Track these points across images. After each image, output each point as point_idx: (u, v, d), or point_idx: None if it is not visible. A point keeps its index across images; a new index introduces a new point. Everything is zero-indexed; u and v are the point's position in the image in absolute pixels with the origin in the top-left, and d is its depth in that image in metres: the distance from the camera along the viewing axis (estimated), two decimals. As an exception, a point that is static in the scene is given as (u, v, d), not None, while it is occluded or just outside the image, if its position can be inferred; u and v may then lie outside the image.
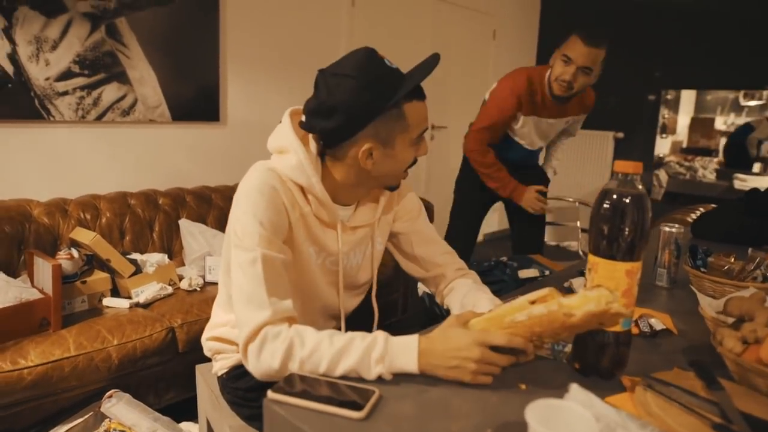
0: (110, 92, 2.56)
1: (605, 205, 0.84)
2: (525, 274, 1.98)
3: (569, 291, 1.34)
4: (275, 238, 0.96)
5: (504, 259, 2.10)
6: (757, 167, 4.34)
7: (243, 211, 0.96)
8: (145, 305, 2.07)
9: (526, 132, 2.33)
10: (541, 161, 2.74)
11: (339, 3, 3.48)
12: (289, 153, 1.01)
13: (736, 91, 4.37)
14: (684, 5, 4.38)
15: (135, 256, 2.24)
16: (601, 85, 4.77)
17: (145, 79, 2.66)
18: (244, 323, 0.89)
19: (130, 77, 2.61)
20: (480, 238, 5.09)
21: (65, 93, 2.43)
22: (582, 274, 1.41)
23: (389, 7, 3.83)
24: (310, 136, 1.03)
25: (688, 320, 1.16)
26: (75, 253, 1.99)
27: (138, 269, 2.13)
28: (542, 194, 2.39)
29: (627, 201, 0.83)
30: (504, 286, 1.90)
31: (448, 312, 1.18)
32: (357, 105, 0.94)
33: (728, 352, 0.85)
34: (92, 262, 2.10)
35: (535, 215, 2.49)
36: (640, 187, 0.85)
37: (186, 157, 2.88)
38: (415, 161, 1.05)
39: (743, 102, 4.44)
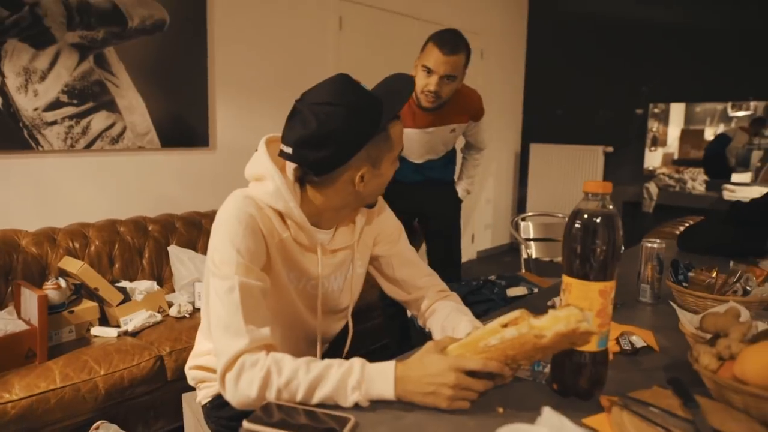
0: (99, 121, 2.58)
1: (576, 226, 0.85)
2: (513, 292, 1.97)
3: (552, 309, 1.34)
4: (253, 266, 0.96)
5: (492, 277, 2.10)
6: (747, 177, 4.38)
7: (220, 240, 0.96)
8: (134, 333, 2.06)
9: (405, 145, 2.21)
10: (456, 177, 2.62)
11: (326, 27, 3.53)
12: (266, 180, 1.01)
13: (724, 102, 4.42)
14: (668, 21, 4.45)
15: (124, 283, 2.24)
16: (590, 100, 4.88)
17: (133, 107, 2.68)
18: (222, 352, 0.89)
19: (118, 105, 2.63)
20: (473, 255, 5.11)
21: (54, 123, 2.45)
22: (565, 292, 1.42)
23: (376, 30, 3.88)
24: (288, 163, 1.04)
25: (670, 336, 1.16)
26: (62, 282, 1.99)
27: (127, 297, 2.12)
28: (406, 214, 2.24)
29: (598, 221, 0.84)
30: (493, 305, 1.89)
31: (430, 335, 1.18)
32: (350, 133, 0.95)
33: (704, 369, 0.85)
34: (80, 291, 2.10)
35: (449, 232, 2.46)
36: (611, 206, 0.86)
37: (175, 182, 2.89)
38: None
39: (731, 113, 4.49)
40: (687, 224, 2.83)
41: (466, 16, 4.60)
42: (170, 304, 2.26)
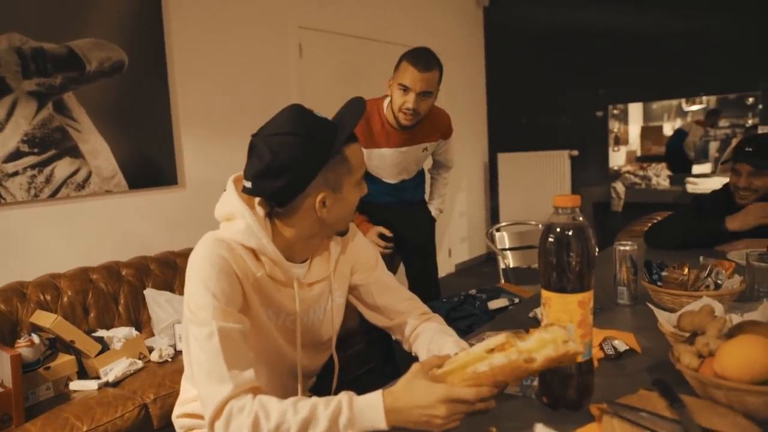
0: (63, 168, 2.53)
1: (550, 240, 0.87)
2: (495, 304, 1.98)
3: (534, 321, 1.35)
4: (230, 309, 0.95)
5: (473, 291, 2.11)
6: (707, 168, 4.53)
7: (194, 285, 0.95)
8: (115, 383, 2.00)
9: (380, 165, 2.25)
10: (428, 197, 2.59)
11: (287, 55, 3.55)
12: (236, 218, 1.01)
13: (677, 99, 4.58)
14: (620, 26, 4.61)
15: (101, 332, 2.18)
16: (551, 107, 5.00)
17: (98, 151, 2.64)
18: (208, 400, 0.87)
19: (82, 150, 2.59)
20: (452, 269, 5.13)
21: (15, 174, 2.39)
22: (546, 301, 1.43)
23: (336, 54, 3.92)
24: (256, 200, 1.04)
25: (651, 337, 1.19)
26: (36, 338, 1.93)
27: (105, 347, 2.07)
28: (384, 237, 2.21)
29: (570, 233, 0.86)
30: (476, 319, 1.90)
31: (416, 358, 1.18)
32: (304, 159, 0.96)
33: (686, 368, 0.88)
34: (55, 345, 2.04)
35: (425, 251, 2.48)
36: (581, 218, 0.88)
37: (146, 224, 2.84)
38: None
39: (686, 107, 4.66)
40: (655, 220, 2.91)
41: (424, 35, 4.68)
42: (151, 349, 2.21)
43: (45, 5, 2.44)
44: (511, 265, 2.97)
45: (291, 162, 0.95)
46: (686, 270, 1.41)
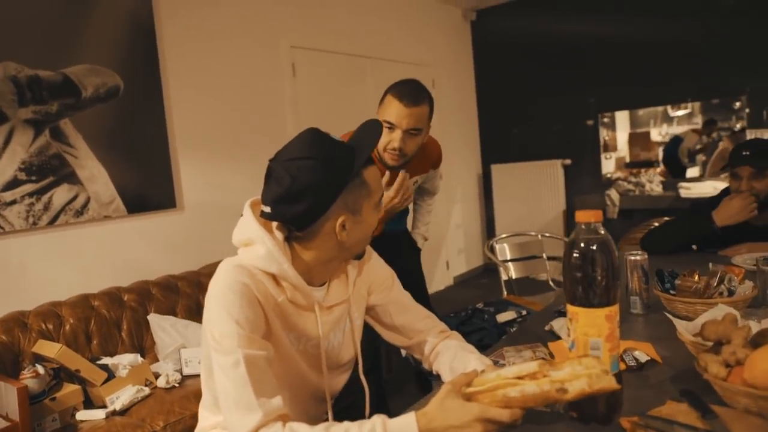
0: (61, 195, 2.51)
1: (575, 255, 0.87)
2: (503, 317, 1.99)
3: (550, 335, 1.35)
4: (254, 335, 0.94)
5: (480, 305, 2.12)
6: (696, 171, 4.61)
7: (217, 313, 0.95)
8: (123, 411, 1.97)
9: None
10: (410, 226, 2.43)
11: (280, 75, 3.56)
12: (255, 244, 1.01)
13: (664, 105, 4.66)
14: (605, 35, 4.68)
15: (105, 360, 2.15)
16: (542, 117, 5.05)
17: (95, 177, 2.63)
18: (236, 429, 0.86)
19: (80, 177, 2.57)
20: (450, 281, 5.14)
21: (13, 202, 2.37)
22: (561, 314, 1.44)
23: (329, 72, 3.94)
24: (274, 224, 1.03)
25: (669, 346, 1.19)
26: (40, 369, 1.90)
27: (110, 374, 2.04)
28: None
29: (594, 248, 0.86)
30: (486, 333, 1.91)
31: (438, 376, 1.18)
32: (324, 183, 0.96)
33: (714, 377, 0.88)
34: (60, 375, 2.00)
35: (413, 284, 2.40)
36: (602, 231, 0.89)
37: (146, 248, 2.82)
38: None
39: (672, 113, 4.73)
40: (651, 226, 2.94)
41: (414, 49, 4.73)
42: (157, 375, 2.18)
43: (39, 33, 2.44)
44: (514, 277, 2.97)
45: (311, 186, 0.95)
46: (696, 277, 1.42)
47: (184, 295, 2.65)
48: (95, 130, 2.62)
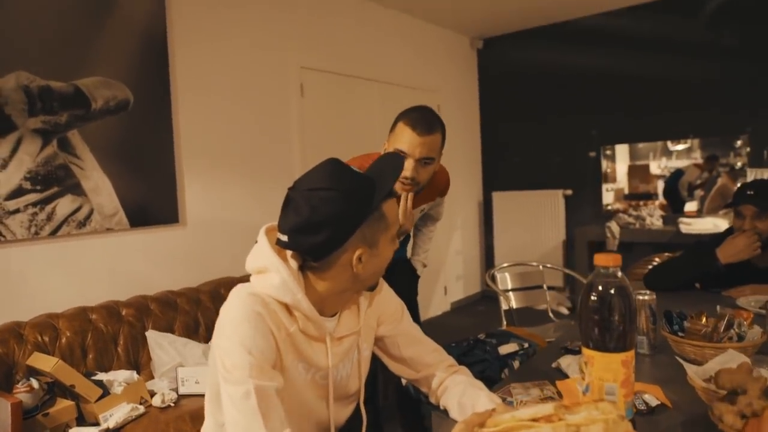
0: (64, 205, 2.50)
1: (592, 299, 0.87)
2: (505, 349, 1.97)
3: (557, 372, 1.34)
4: (266, 365, 0.93)
5: (481, 336, 2.10)
6: (694, 205, 4.65)
7: (229, 342, 0.94)
8: (116, 430, 1.93)
9: None
10: (409, 253, 2.39)
11: (289, 95, 3.59)
12: (270, 272, 1.00)
13: (666, 140, 4.70)
14: (610, 69, 4.74)
15: (100, 375, 2.12)
16: (545, 147, 5.09)
17: (100, 189, 2.62)
18: None
19: (84, 188, 2.56)
20: (447, 307, 5.11)
21: (16, 211, 2.36)
22: (568, 351, 1.43)
23: (337, 93, 3.97)
24: (288, 252, 1.03)
25: (678, 390, 1.18)
26: (35, 383, 1.87)
27: (105, 391, 2.01)
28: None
29: (612, 292, 0.86)
30: (488, 365, 1.88)
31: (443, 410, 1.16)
32: (344, 215, 0.96)
33: (730, 428, 0.87)
34: (54, 389, 1.97)
35: (409, 302, 2.36)
36: (620, 275, 0.88)
37: (147, 262, 2.80)
38: None
39: (671, 147, 4.78)
40: (653, 263, 2.95)
41: (421, 75, 4.78)
42: (152, 393, 2.15)
43: (53, 44, 2.46)
44: (514, 306, 2.95)
45: (331, 218, 0.95)
46: (704, 319, 1.41)
47: (183, 312, 2.63)
48: (103, 142, 2.62)
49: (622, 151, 4.95)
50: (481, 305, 5.34)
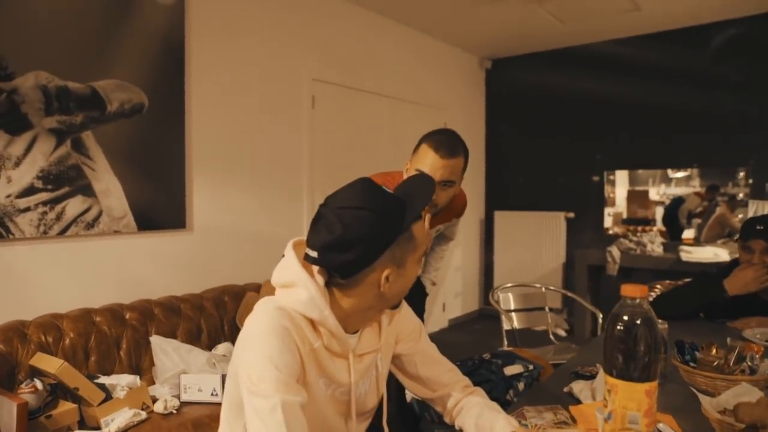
0: (74, 206, 2.50)
1: (618, 328, 0.88)
2: (511, 370, 1.98)
3: (569, 397, 1.35)
4: (291, 380, 0.94)
5: (486, 356, 2.11)
6: (691, 233, 4.69)
7: (257, 355, 0.94)
8: (117, 435, 1.92)
9: None
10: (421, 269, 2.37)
11: (300, 106, 3.61)
12: (297, 287, 1.00)
13: (670, 168, 4.76)
14: (618, 96, 4.80)
15: (102, 379, 2.11)
16: (549, 169, 5.13)
17: (110, 191, 2.63)
18: None
19: (95, 189, 2.57)
20: (445, 324, 5.11)
21: (27, 209, 2.36)
22: (579, 376, 1.44)
23: (346, 107, 4.00)
24: (315, 268, 1.03)
25: (690, 420, 1.19)
26: (39, 384, 1.86)
27: (108, 395, 2.00)
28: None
29: (638, 323, 0.87)
30: (493, 385, 1.90)
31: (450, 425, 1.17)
32: (376, 235, 0.97)
33: (748, 463, 0.88)
34: (56, 391, 1.96)
35: (416, 301, 2.36)
36: (646, 307, 0.90)
37: (152, 266, 2.80)
38: None
39: (671, 174, 4.83)
40: (656, 290, 2.96)
41: (430, 93, 4.83)
42: (153, 399, 2.14)
43: (73, 45, 2.48)
44: (516, 327, 2.96)
45: (362, 237, 0.96)
46: (714, 350, 1.43)
47: (186, 318, 2.62)
48: (115, 145, 2.63)
49: (622, 176, 5.00)
50: (478, 323, 5.33)
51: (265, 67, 3.37)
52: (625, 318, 0.88)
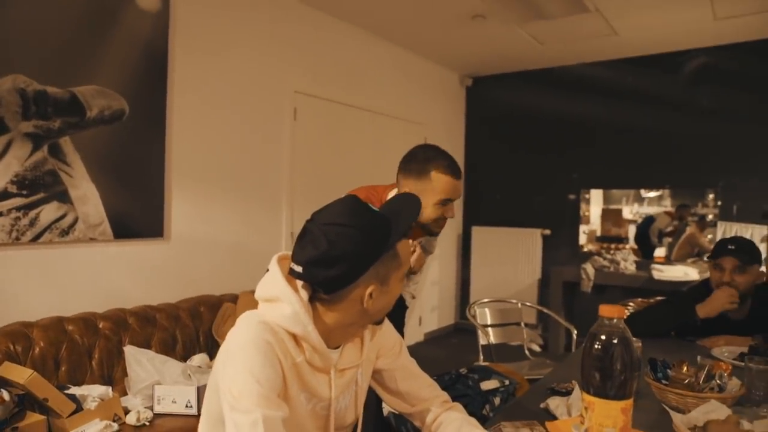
0: (49, 212, 2.46)
1: (596, 347, 0.90)
2: (487, 385, 2.00)
3: (545, 413, 1.37)
4: (273, 395, 0.94)
5: (463, 371, 2.12)
6: (662, 251, 4.81)
7: (238, 370, 0.94)
8: (86, 448, 1.88)
9: None
10: None
11: (282, 118, 3.62)
12: (281, 302, 1.00)
13: (643, 188, 4.88)
14: (593, 117, 4.92)
15: (73, 389, 2.06)
16: (527, 186, 5.21)
17: (87, 198, 2.58)
18: None
19: (71, 196, 2.53)
20: (420, 337, 5.12)
21: (-1, 215, 2.31)
22: (555, 392, 1.46)
23: (328, 120, 4.01)
24: (299, 283, 1.04)
25: (662, 437, 1.22)
26: (6, 394, 1.81)
27: (78, 406, 1.95)
28: None
29: (616, 342, 0.89)
30: (470, 400, 1.91)
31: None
32: (361, 252, 0.98)
33: (718, 479, 0.90)
34: (24, 402, 1.90)
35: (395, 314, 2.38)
36: (623, 327, 0.92)
37: (127, 275, 2.76)
38: None
39: (644, 194, 4.96)
40: (629, 307, 3.02)
41: (411, 108, 4.88)
42: (126, 411, 2.09)
43: (53, 50, 2.45)
44: (492, 342, 2.99)
45: (347, 254, 0.96)
46: (685, 368, 1.47)
47: (161, 328, 2.58)
48: (94, 151, 2.60)
49: (596, 194, 5.11)
50: (454, 337, 5.35)
51: (247, 77, 3.37)
52: (603, 337, 0.91)
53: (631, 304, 3.26)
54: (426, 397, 1.21)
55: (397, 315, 2.36)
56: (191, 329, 2.69)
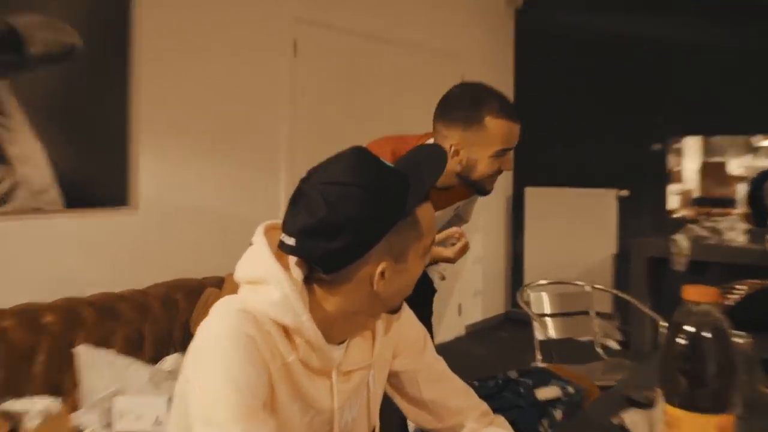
0: (-20, 176, 2.49)
1: (680, 342, 0.86)
2: (544, 394, 1.99)
3: (619, 430, 1.34)
4: (255, 404, 0.93)
5: (513, 374, 2.11)
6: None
7: (212, 372, 0.93)
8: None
9: None
10: None
11: (279, 54, 3.60)
12: (267, 284, 0.99)
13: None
14: (685, 39, 4.75)
15: (8, 403, 2.08)
16: (596, 134, 5.10)
17: (29, 157, 2.60)
18: None
19: (9, 155, 2.55)
20: (461, 331, 5.14)
21: None
22: (633, 402, 1.43)
23: (338, 54, 3.98)
24: (292, 259, 1.01)
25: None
26: None
27: (14, 426, 1.98)
28: None
29: (709, 336, 0.85)
30: (521, 413, 1.90)
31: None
32: (369, 219, 0.96)
33: None
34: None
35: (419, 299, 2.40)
36: (718, 315, 0.87)
37: (82, 254, 2.79)
38: None
39: (757, 143, 4.79)
40: (737, 291, 2.95)
41: (443, 36, 4.81)
42: (77, 430, 2.13)
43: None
44: (553, 336, 2.97)
45: (352, 220, 0.94)
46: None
47: (125, 322, 2.60)
48: (38, 98, 2.62)
49: (691, 143, 4.97)
50: (504, 331, 5.39)
51: (234, 3, 3.33)
52: (690, 329, 0.86)
53: (737, 286, 3.18)
54: (458, 407, 1.21)
55: (422, 301, 2.36)
56: (164, 322, 2.71)
